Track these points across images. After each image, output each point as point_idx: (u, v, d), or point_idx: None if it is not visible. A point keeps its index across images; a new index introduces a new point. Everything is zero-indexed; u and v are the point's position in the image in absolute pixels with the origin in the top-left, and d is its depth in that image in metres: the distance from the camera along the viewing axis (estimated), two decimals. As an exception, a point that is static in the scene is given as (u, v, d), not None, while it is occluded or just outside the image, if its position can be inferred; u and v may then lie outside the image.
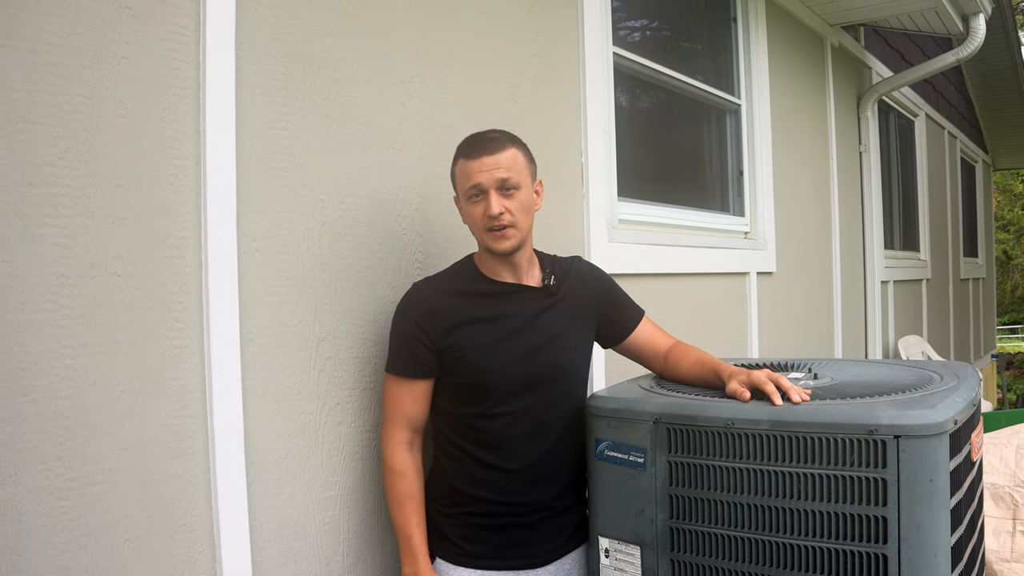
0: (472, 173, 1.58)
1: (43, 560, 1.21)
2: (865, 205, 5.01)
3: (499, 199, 1.58)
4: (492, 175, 1.57)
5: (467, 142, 1.63)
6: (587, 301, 1.77)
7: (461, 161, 1.61)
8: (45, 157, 1.22)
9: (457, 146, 1.66)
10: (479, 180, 1.57)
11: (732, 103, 3.55)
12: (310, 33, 1.63)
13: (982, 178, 9.89)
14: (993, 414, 4.11)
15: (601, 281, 1.83)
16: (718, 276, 3.26)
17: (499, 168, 1.57)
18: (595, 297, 1.79)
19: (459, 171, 1.62)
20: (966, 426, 1.43)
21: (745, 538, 1.42)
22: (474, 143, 1.61)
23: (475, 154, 1.59)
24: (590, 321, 1.78)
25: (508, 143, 1.61)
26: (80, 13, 1.27)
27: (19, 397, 1.19)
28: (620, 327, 1.82)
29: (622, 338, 1.83)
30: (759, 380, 1.49)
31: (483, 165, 1.57)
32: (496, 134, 1.63)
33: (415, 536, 1.62)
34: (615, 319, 1.82)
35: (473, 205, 1.60)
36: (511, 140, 1.63)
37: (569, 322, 1.72)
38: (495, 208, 1.57)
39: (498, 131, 1.65)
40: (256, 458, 1.51)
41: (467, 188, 1.60)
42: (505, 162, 1.58)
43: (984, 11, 4.46)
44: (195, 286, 1.42)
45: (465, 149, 1.62)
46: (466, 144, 1.63)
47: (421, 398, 1.64)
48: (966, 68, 8.18)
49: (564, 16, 2.42)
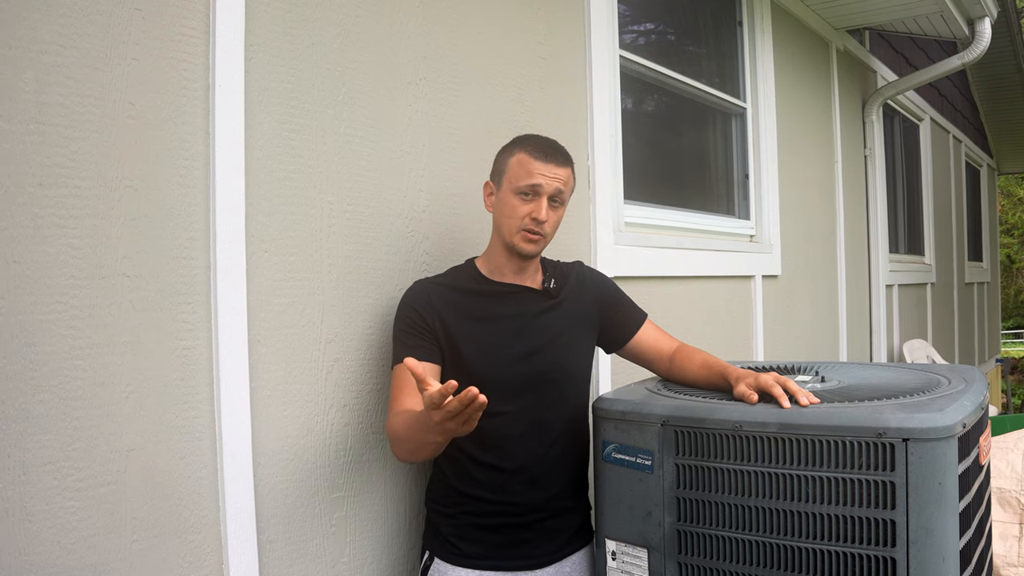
0: (535, 172, 1.61)
1: (51, 560, 1.21)
2: (870, 209, 5.00)
3: (548, 208, 1.62)
4: (552, 183, 1.62)
5: (538, 141, 1.66)
6: (588, 304, 1.77)
7: (524, 156, 1.63)
8: (55, 158, 1.22)
9: (519, 138, 1.69)
10: (540, 182, 1.61)
11: (738, 107, 3.55)
12: (318, 35, 1.64)
13: (986, 182, 9.87)
14: (998, 418, 4.10)
15: (603, 285, 1.84)
16: (723, 279, 3.25)
17: (559, 180, 1.64)
18: (597, 301, 1.79)
19: (518, 163, 1.63)
20: (974, 429, 1.43)
21: (753, 541, 1.42)
22: (546, 146, 1.65)
23: (545, 157, 1.63)
24: (592, 324, 1.78)
25: (570, 162, 1.69)
26: (90, 15, 1.27)
27: (28, 397, 1.19)
28: (623, 331, 1.83)
29: (625, 341, 1.83)
30: (766, 383, 1.49)
31: (549, 170, 1.62)
32: (562, 148, 1.69)
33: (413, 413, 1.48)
34: (617, 323, 1.82)
35: (520, 201, 1.63)
36: (571, 160, 1.70)
37: (569, 324, 1.72)
38: (543, 214, 1.61)
39: (561, 145, 1.70)
40: (263, 459, 1.51)
41: (524, 184, 1.62)
42: (565, 177, 1.65)
43: (990, 15, 4.46)
44: (203, 287, 1.43)
45: (532, 146, 1.64)
46: (536, 143, 1.66)
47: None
48: (971, 72, 8.17)
49: (571, 20, 2.42)
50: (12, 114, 1.18)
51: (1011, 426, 3.85)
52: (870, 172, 5.00)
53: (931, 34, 4.72)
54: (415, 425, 1.43)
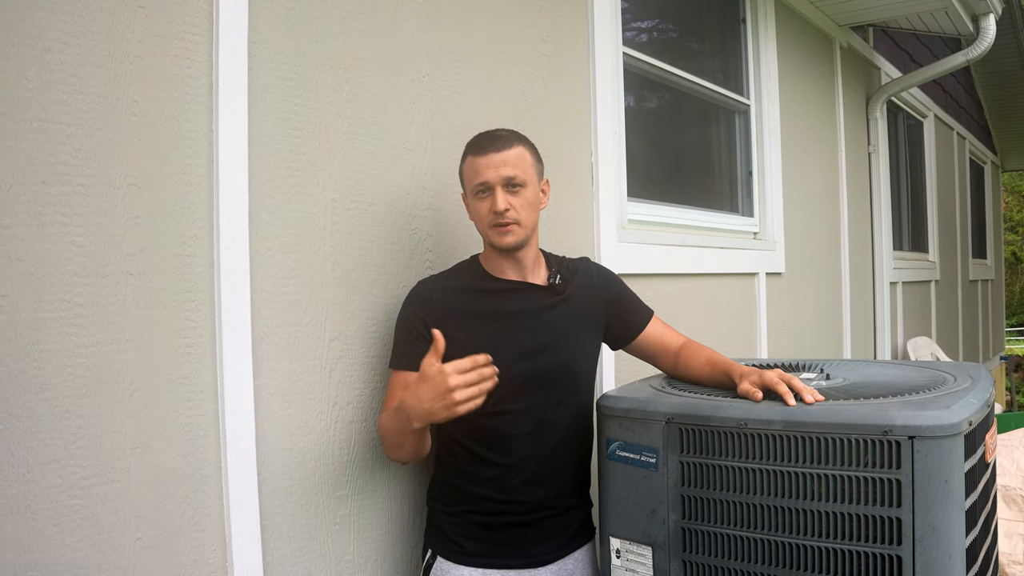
0: (480, 169, 1.60)
1: (55, 558, 1.21)
2: (874, 206, 4.99)
3: (505, 196, 1.59)
4: (499, 172, 1.59)
5: (475, 140, 1.66)
6: (595, 301, 1.77)
7: (469, 158, 1.64)
8: (59, 156, 1.22)
9: (466, 144, 1.68)
10: (486, 177, 1.60)
11: (741, 103, 3.55)
12: (321, 32, 1.63)
13: (991, 179, 9.84)
14: (1003, 416, 4.10)
15: (609, 281, 1.83)
16: (727, 276, 3.25)
17: (506, 165, 1.59)
18: (603, 297, 1.78)
19: (467, 168, 1.64)
20: (981, 427, 1.42)
21: (758, 539, 1.42)
22: (482, 140, 1.64)
23: (483, 151, 1.61)
24: (598, 321, 1.78)
25: (515, 141, 1.63)
26: (94, 12, 1.27)
27: (32, 395, 1.19)
28: (629, 327, 1.82)
29: (631, 338, 1.82)
30: (771, 380, 1.48)
31: (490, 162, 1.59)
32: (504, 132, 1.65)
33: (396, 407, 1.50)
34: (624, 319, 1.82)
35: (480, 201, 1.62)
36: (518, 138, 1.65)
37: (575, 322, 1.71)
38: (501, 204, 1.58)
39: (506, 130, 1.67)
40: (267, 457, 1.51)
41: (474, 185, 1.61)
42: (512, 159, 1.60)
43: (994, 11, 4.44)
44: (207, 285, 1.42)
45: (473, 147, 1.64)
46: (474, 142, 1.65)
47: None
48: (975, 69, 8.15)
49: (574, 17, 2.42)
50: (15, 112, 1.17)
51: (1016, 424, 3.85)
52: (874, 169, 4.99)
53: (935, 31, 4.71)
54: (394, 415, 1.50)
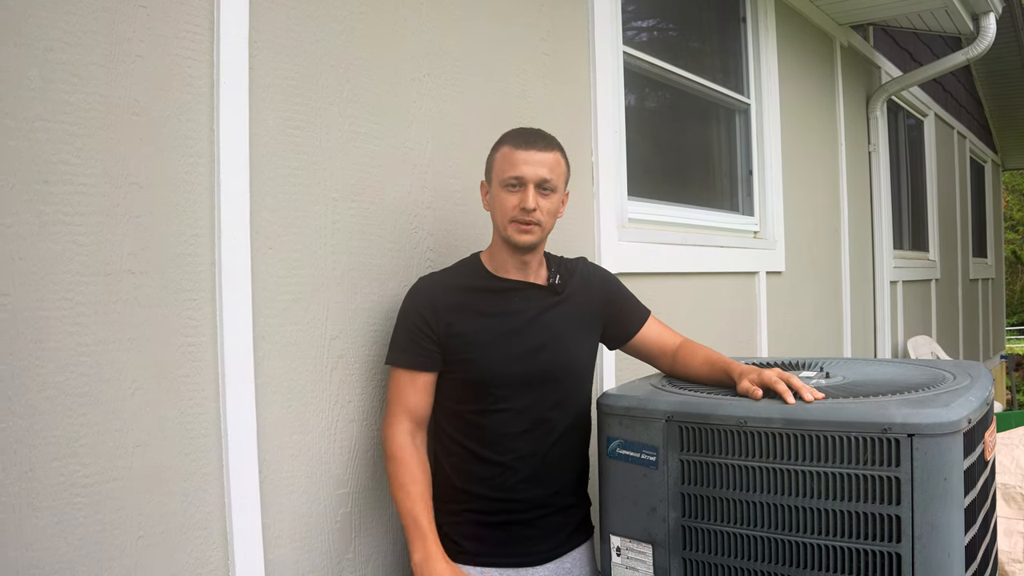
0: (518, 163, 1.60)
1: (57, 556, 1.21)
2: (874, 205, 4.99)
3: (536, 195, 1.60)
4: (536, 171, 1.60)
5: (518, 132, 1.66)
6: (593, 301, 1.77)
7: (507, 149, 1.63)
8: (61, 155, 1.23)
9: (504, 134, 1.68)
10: (523, 172, 1.60)
11: (742, 102, 3.55)
12: (322, 32, 1.64)
13: (991, 178, 9.84)
14: (1003, 415, 4.10)
15: (607, 281, 1.84)
16: (727, 275, 3.25)
17: (544, 166, 1.61)
18: (601, 297, 1.79)
19: (502, 157, 1.63)
20: (980, 425, 1.42)
21: (758, 537, 1.42)
22: (526, 135, 1.64)
23: (525, 145, 1.61)
24: (596, 321, 1.78)
25: (556, 146, 1.66)
26: (95, 12, 1.27)
27: (35, 394, 1.19)
28: (626, 327, 1.83)
29: (628, 337, 1.83)
30: (770, 379, 1.49)
31: (531, 158, 1.60)
32: (545, 134, 1.67)
33: (422, 518, 1.56)
34: (621, 319, 1.82)
35: (508, 193, 1.62)
36: (558, 145, 1.67)
37: (574, 321, 1.72)
38: (531, 203, 1.59)
39: (546, 132, 1.68)
40: (269, 455, 1.52)
41: (508, 176, 1.61)
42: (550, 162, 1.62)
43: (995, 10, 4.44)
44: (208, 284, 1.43)
45: (515, 138, 1.64)
46: (517, 134, 1.65)
47: (424, 391, 1.64)
48: (976, 68, 8.14)
49: (574, 16, 2.42)
50: (17, 111, 1.18)
51: (1016, 422, 3.85)
52: (874, 168, 4.99)
53: (935, 30, 4.71)
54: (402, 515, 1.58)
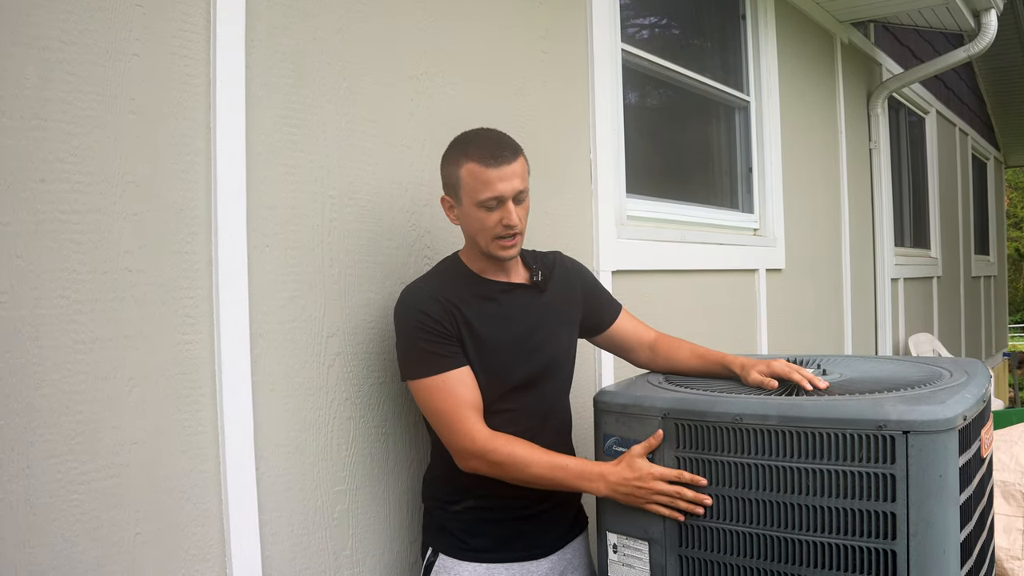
0: (492, 181, 1.52)
1: (55, 553, 1.22)
2: (875, 202, 4.98)
3: (515, 210, 1.55)
4: (512, 185, 1.53)
5: (480, 145, 1.55)
6: (574, 293, 1.79)
7: (474, 166, 1.53)
8: (57, 153, 1.23)
9: (459, 144, 1.58)
10: (501, 191, 1.52)
11: (741, 100, 3.54)
12: (319, 30, 1.64)
13: (993, 175, 9.82)
14: (1004, 412, 4.09)
15: (584, 273, 1.85)
16: (727, 273, 3.25)
17: (516, 177, 1.54)
18: (580, 289, 1.81)
19: (470, 175, 1.53)
20: (976, 422, 1.42)
21: (753, 534, 1.42)
22: (490, 148, 1.54)
23: (495, 163, 1.52)
24: (576, 314, 1.80)
25: (518, 151, 1.58)
26: (92, 11, 1.28)
27: (32, 391, 1.20)
28: (602, 317, 1.84)
29: (605, 327, 1.84)
30: (783, 370, 1.50)
31: (503, 175, 1.52)
32: (504, 139, 1.58)
33: (569, 461, 1.54)
34: (597, 310, 1.84)
35: (487, 212, 1.55)
36: (517, 148, 1.59)
37: (559, 316, 1.74)
38: (515, 219, 1.54)
39: (501, 134, 1.60)
40: (266, 453, 1.52)
41: (484, 198, 1.53)
42: (520, 171, 1.56)
43: (996, 7, 4.43)
44: (205, 282, 1.43)
45: (479, 153, 1.53)
46: (479, 148, 1.54)
47: (473, 383, 1.57)
48: (977, 64, 8.12)
49: (573, 13, 2.42)
50: (14, 110, 1.18)
51: (1016, 419, 3.84)
52: (875, 165, 4.98)
53: (937, 26, 4.70)
54: (562, 475, 1.53)
